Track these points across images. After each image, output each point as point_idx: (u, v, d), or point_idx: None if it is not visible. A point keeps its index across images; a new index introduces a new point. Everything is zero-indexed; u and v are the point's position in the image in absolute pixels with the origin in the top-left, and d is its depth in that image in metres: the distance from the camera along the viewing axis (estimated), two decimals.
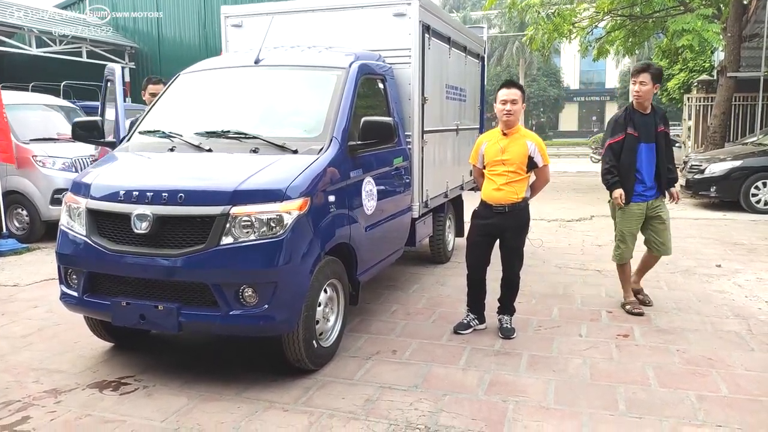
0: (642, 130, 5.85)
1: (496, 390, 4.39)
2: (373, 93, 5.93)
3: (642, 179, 5.91)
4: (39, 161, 10.22)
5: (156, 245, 4.26)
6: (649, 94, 5.82)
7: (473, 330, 5.57)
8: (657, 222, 6.10)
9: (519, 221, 5.41)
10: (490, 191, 5.36)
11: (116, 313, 4.42)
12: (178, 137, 5.08)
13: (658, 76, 5.85)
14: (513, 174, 5.28)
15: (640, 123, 5.86)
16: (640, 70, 5.85)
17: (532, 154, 5.29)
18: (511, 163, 5.27)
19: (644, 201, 5.98)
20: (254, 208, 4.18)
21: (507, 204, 5.31)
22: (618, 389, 4.40)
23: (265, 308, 4.17)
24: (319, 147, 4.80)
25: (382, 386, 4.45)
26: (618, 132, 5.92)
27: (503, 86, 5.33)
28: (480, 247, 5.50)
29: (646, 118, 5.89)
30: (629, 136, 5.85)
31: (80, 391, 4.44)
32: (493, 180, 5.34)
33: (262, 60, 5.67)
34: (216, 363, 4.97)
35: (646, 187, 5.95)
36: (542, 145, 5.38)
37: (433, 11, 6.90)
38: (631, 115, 5.90)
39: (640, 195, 5.96)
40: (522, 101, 5.29)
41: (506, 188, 5.28)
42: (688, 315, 6.04)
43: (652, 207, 6.03)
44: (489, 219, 5.40)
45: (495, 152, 5.31)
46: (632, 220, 6.07)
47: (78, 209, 4.61)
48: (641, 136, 5.85)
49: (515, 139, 5.29)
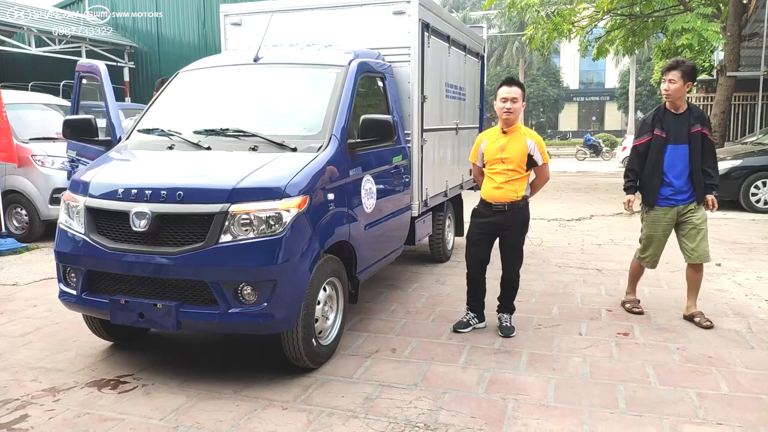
0: (672, 130, 5.54)
1: (495, 388, 4.38)
2: (373, 91, 5.92)
3: (670, 182, 5.58)
4: (38, 160, 10.20)
5: (155, 243, 4.25)
6: (679, 92, 5.49)
7: (473, 328, 5.56)
8: (688, 226, 5.70)
9: (519, 220, 5.39)
10: (490, 189, 5.34)
11: (115, 312, 4.40)
12: (177, 135, 5.07)
13: (689, 73, 5.50)
14: (512, 172, 5.26)
15: (671, 123, 5.56)
16: (670, 68, 5.52)
17: (532, 152, 5.27)
18: (511, 162, 5.25)
19: (673, 206, 5.65)
20: (253, 206, 4.16)
21: (507, 202, 5.30)
22: (618, 387, 4.39)
23: (264, 306, 4.16)
24: (318, 145, 4.79)
25: (381, 384, 4.44)
26: (644, 133, 5.67)
27: (504, 84, 5.30)
28: (480, 245, 5.49)
29: (678, 118, 5.57)
30: (656, 138, 5.56)
31: (78, 390, 4.43)
32: (493, 178, 5.32)
33: (261, 58, 5.66)
34: (215, 361, 4.96)
35: (675, 191, 5.60)
36: (542, 143, 5.37)
37: (432, 9, 6.89)
38: (661, 116, 5.62)
39: (667, 199, 5.64)
40: (522, 99, 5.28)
41: (506, 186, 5.27)
42: None
43: (684, 212, 5.66)
44: (489, 217, 5.39)
45: (495, 150, 5.30)
46: (657, 225, 5.77)
47: (76, 207, 4.60)
48: (670, 137, 5.53)
49: (515, 138, 5.28)
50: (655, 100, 46.42)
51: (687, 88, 5.53)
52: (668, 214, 5.68)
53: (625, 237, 10.31)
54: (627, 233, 10.69)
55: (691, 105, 5.72)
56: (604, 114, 69.83)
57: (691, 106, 5.66)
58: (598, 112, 70.57)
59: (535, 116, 63.14)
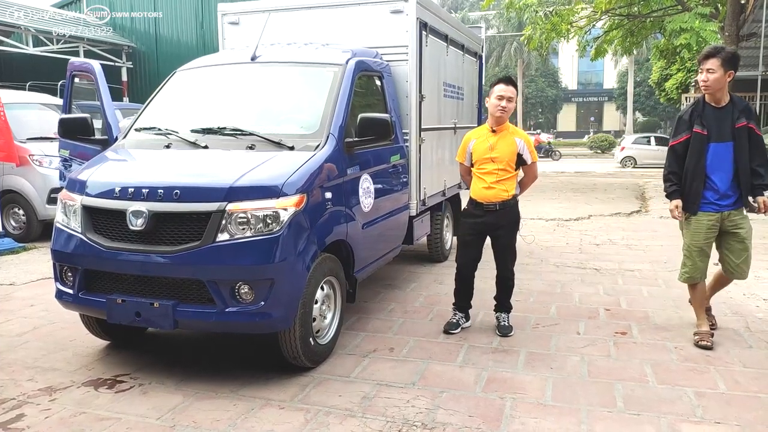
0: (713, 127, 4.92)
1: (493, 387, 4.37)
2: (371, 90, 5.91)
3: (714, 185, 4.98)
4: (36, 160, 10.19)
5: (152, 242, 4.24)
6: (719, 83, 4.83)
7: (462, 329, 5.55)
8: (733, 240, 5.11)
9: (510, 218, 5.38)
10: (481, 189, 5.32)
11: (112, 311, 4.39)
12: (174, 134, 5.06)
13: (730, 61, 4.84)
14: (503, 171, 5.24)
15: (712, 119, 4.93)
16: (707, 56, 4.87)
17: (521, 151, 5.27)
18: (501, 161, 5.23)
19: (717, 211, 5.02)
20: (250, 205, 4.15)
21: (498, 202, 5.28)
22: (616, 386, 4.38)
23: (262, 305, 4.14)
24: (315, 144, 4.77)
25: (379, 383, 4.43)
26: (682, 131, 5.06)
27: (501, 81, 5.26)
28: (472, 245, 5.48)
29: (720, 112, 4.94)
30: (696, 135, 4.95)
31: (75, 389, 4.41)
32: (483, 178, 5.30)
33: (258, 57, 5.65)
34: (212, 361, 4.94)
35: (719, 195, 4.99)
36: (530, 142, 5.37)
37: (430, 8, 6.88)
38: (700, 110, 4.98)
39: (711, 204, 5.02)
40: (516, 100, 5.27)
41: (497, 186, 5.25)
42: (686, 312, 6.00)
43: (730, 220, 5.04)
44: (480, 218, 5.37)
45: (484, 150, 5.27)
46: (699, 232, 5.13)
47: (73, 206, 4.59)
48: (712, 134, 4.92)
49: (504, 137, 5.26)
50: (654, 101, 46.47)
51: (729, 77, 4.88)
52: (712, 220, 5.06)
53: (623, 237, 10.32)
54: (625, 233, 10.71)
55: (735, 96, 5.03)
56: (603, 114, 69.91)
57: (734, 98, 5.00)
58: (597, 112, 70.64)
59: (534, 117, 63.20)
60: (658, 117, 57.52)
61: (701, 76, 4.93)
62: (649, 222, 12.06)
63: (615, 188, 18.68)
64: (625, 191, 17.78)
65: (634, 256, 8.71)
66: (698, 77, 5.00)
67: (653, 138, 31.70)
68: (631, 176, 24.04)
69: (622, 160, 30.59)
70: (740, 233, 5.07)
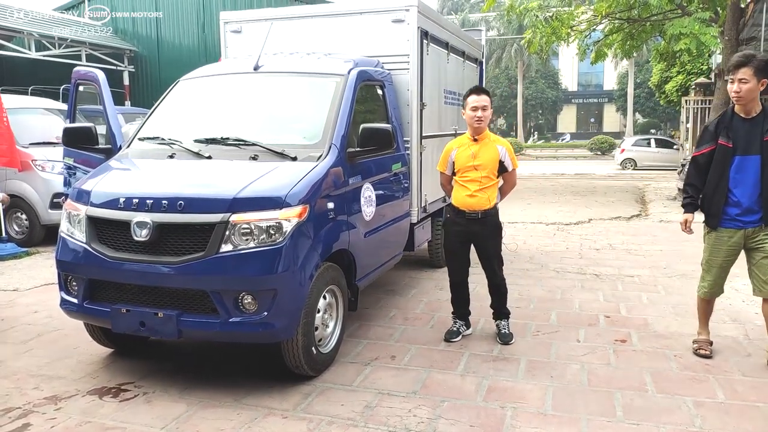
0: (740, 139, 4.69)
1: (494, 396, 4.41)
2: (372, 99, 5.96)
3: (736, 200, 4.76)
4: (38, 165, 10.25)
5: (156, 252, 4.28)
6: (752, 93, 4.60)
7: (462, 336, 5.60)
8: (759, 255, 4.84)
9: (492, 226, 5.44)
10: (464, 198, 5.37)
11: (116, 320, 4.43)
12: (177, 144, 5.10)
13: (764, 69, 4.58)
14: (486, 179, 5.31)
15: (740, 130, 4.71)
16: (739, 65, 4.61)
17: (503, 158, 5.36)
18: (484, 168, 5.30)
19: (739, 228, 4.81)
20: (253, 216, 4.20)
21: (480, 210, 5.34)
22: (615, 395, 4.42)
23: (265, 315, 4.19)
24: (318, 154, 4.82)
25: (380, 392, 4.47)
26: (706, 142, 4.87)
27: (472, 92, 5.35)
28: (459, 254, 5.55)
29: (749, 123, 4.70)
30: (721, 147, 4.75)
31: (80, 398, 4.45)
32: (466, 186, 5.35)
33: (261, 66, 5.69)
34: (215, 369, 4.98)
35: (742, 211, 4.76)
36: (511, 149, 5.47)
37: (431, 17, 6.92)
38: (727, 121, 4.78)
39: (733, 220, 4.81)
40: (490, 107, 5.34)
41: (479, 195, 5.31)
42: (686, 319, 6.05)
43: (752, 237, 4.82)
44: (463, 226, 5.43)
45: (467, 158, 5.34)
46: (719, 250, 4.93)
47: (78, 216, 4.63)
48: (738, 146, 4.69)
49: (486, 144, 5.34)
50: (654, 102, 46.50)
51: (762, 86, 4.62)
52: (733, 237, 4.85)
53: (623, 242, 10.37)
54: (625, 237, 10.76)
55: (766, 107, 4.78)
56: (603, 116, 69.90)
57: (766, 108, 4.75)
58: (597, 114, 70.65)
59: (534, 118, 63.23)
60: (658, 118, 57.50)
61: (733, 86, 4.66)
62: (649, 226, 12.10)
63: (615, 191, 18.72)
64: (625, 194, 17.83)
65: (633, 262, 8.75)
66: (730, 87, 4.73)
67: (653, 140, 31.79)
68: (631, 179, 24.12)
69: (622, 162, 30.65)
70: (766, 247, 4.79)
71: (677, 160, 27.83)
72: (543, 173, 27.43)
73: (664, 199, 16.37)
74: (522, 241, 10.39)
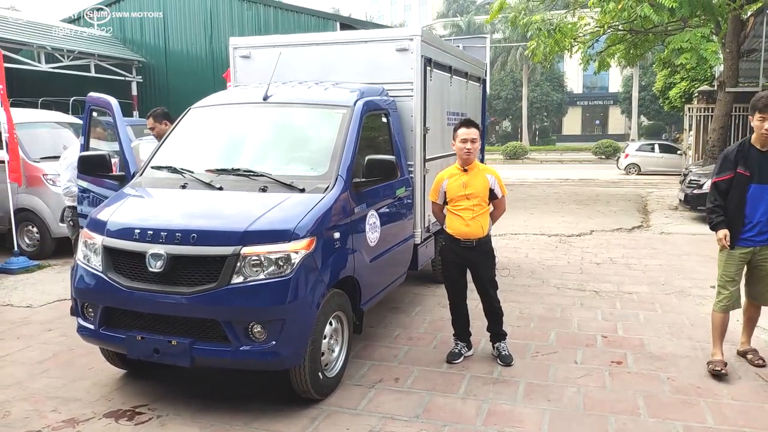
0: (756, 169, 5.21)
1: (493, 420, 4.60)
2: (377, 127, 6.15)
3: (752, 223, 5.30)
4: (49, 180, 10.43)
5: (170, 283, 4.47)
6: None
7: (464, 358, 5.78)
8: (761, 272, 5.46)
9: (485, 253, 5.66)
10: (459, 227, 5.56)
11: (131, 347, 4.64)
12: (189, 174, 5.29)
13: None
14: (478, 207, 5.52)
15: (755, 161, 5.22)
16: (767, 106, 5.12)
17: (493, 186, 5.58)
18: (475, 197, 5.51)
19: (750, 246, 5.36)
20: (263, 249, 4.39)
21: (474, 239, 5.55)
22: (609, 419, 4.61)
23: (273, 344, 4.38)
24: (325, 185, 5.01)
25: (384, 416, 4.66)
26: (726, 170, 5.34)
27: (462, 125, 5.56)
28: (455, 279, 5.76)
29: (764, 156, 5.22)
30: (739, 176, 5.25)
31: (97, 421, 4.65)
32: (461, 215, 5.55)
33: (270, 96, 5.87)
34: (225, 391, 5.17)
35: (755, 232, 5.31)
36: (500, 177, 5.68)
37: (434, 44, 7.12)
38: (745, 152, 5.28)
39: (746, 240, 5.35)
40: (479, 139, 5.55)
41: (472, 223, 5.52)
42: (680, 340, 6.23)
43: (760, 254, 5.38)
44: (458, 254, 5.64)
45: (458, 187, 5.55)
46: (732, 264, 5.45)
47: (94, 245, 4.82)
48: (754, 175, 5.21)
49: (475, 174, 5.55)
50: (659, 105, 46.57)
51: None
52: (744, 253, 5.41)
53: (623, 255, 10.53)
54: (625, 251, 10.92)
55: None
56: (608, 118, 69.94)
57: None
58: (602, 116, 70.69)
59: (539, 120, 63.27)
60: (663, 121, 57.57)
61: (764, 124, 5.10)
62: (649, 239, 12.25)
63: (617, 200, 18.86)
64: (628, 203, 17.97)
65: (633, 277, 8.91)
66: (757, 125, 5.16)
67: (657, 145, 31.90)
68: (634, 185, 24.22)
69: (626, 167, 30.79)
70: (766, 266, 5.42)
71: (681, 165, 27.95)
72: (547, 178, 27.55)
73: (665, 208, 16.51)
74: (524, 255, 10.57)
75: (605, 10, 14.73)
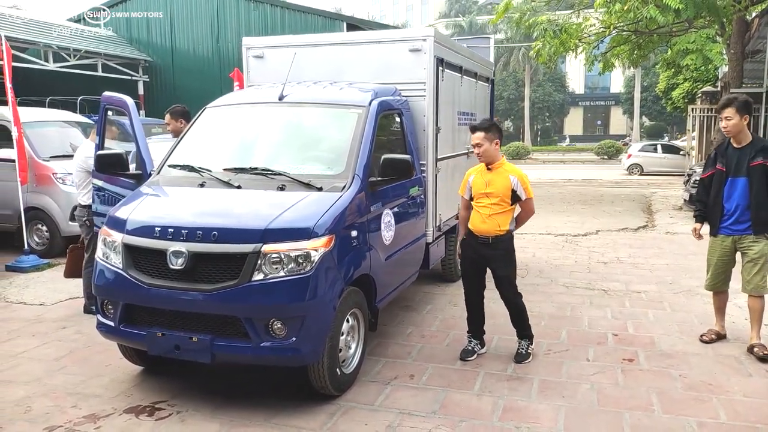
0: (732, 164, 5.81)
1: (509, 416, 4.66)
2: (391, 127, 6.22)
3: (729, 213, 5.89)
4: (59, 178, 10.48)
5: (191, 280, 4.53)
6: (737, 127, 5.71)
7: (477, 355, 5.84)
8: (745, 258, 5.92)
9: (503, 252, 5.68)
10: (477, 223, 5.65)
11: (152, 343, 4.70)
12: (207, 172, 5.34)
13: (744, 107, 5.70)
14: (496, 206, 5.56)
15: (732, 157, 5.82)
16: (724, 106, 5.77)
17: (515, 187, 5.57)
18: (495, 196, 5.56)
19: (728, 234, 5.92)
20: (284, 246, 4.45)
21: (490, 236, 5.60)
22: (624, 415, 4.66)
23: (293, 341, 4.44)
24: (342, 184, 5.07)
25: (401, 412, 4.72)
26: (708, 167, 6.08)
27: (471, 130, 5.68)
28: (471, 276, 5.84)
29: (739, 151, 5.80)
30: (717, 171, 5.91)
31: (117, 417, 4.71)
32: (480, 212, 5.63)
33: (285, 96, 5.93)
34: (242, 386, 5.23)
35: (733, 221, 5.88)
36: (525, 179, 5.64)
37: (446, 44, 7.18)
38: (723, 150, 5.94)
39: (725, 228, 5.93)
40: (488, 140, 5.54)
41: (489, 221, 5.58)
42: (690, 338, 6.29)
43: (741, 243, 5.89)
44: (475, 249, 5.72)
45: (481, 185, 5.62)
46: (714, 250, 6.07)
47: (114, 243, 4.88)
48: (730, 169, 5.82)
49: (499, 173, 5.59)
50: (660, 106, 46.65)
51: (745, 121, 5.72)
52: (725, 242, 5.97)
53: (630, 254, 10.59)
54: (632, 250, 10.97)
55: (756, 138, 5.88)
56: (609, 119, 70.10)
57: (755, 139, 5.81)
58: (603, 116, 70.83)
59: (541, 121, 63.38)
60: (665, 122, 57.66)
61: (722, 123, 5.82)
62: (655, 238, 12.30)
63: (622, 200, 18.91)
64: (632, 203, 18.02)
65: (640, 276, 8.97)
66: (720, 124, 5.88)
67: (660, 146, 31.96)
68: (637, 185, 24.27)
69: (629, 168, 30.84)
70: (750, 253, 5.86)
71: (683, 165, 27.98)
72: (550, 178, 27.59)
73: (670, 208, 16.55)
74: (531, 254, 10.62)
75: (611, 11, 14.77)
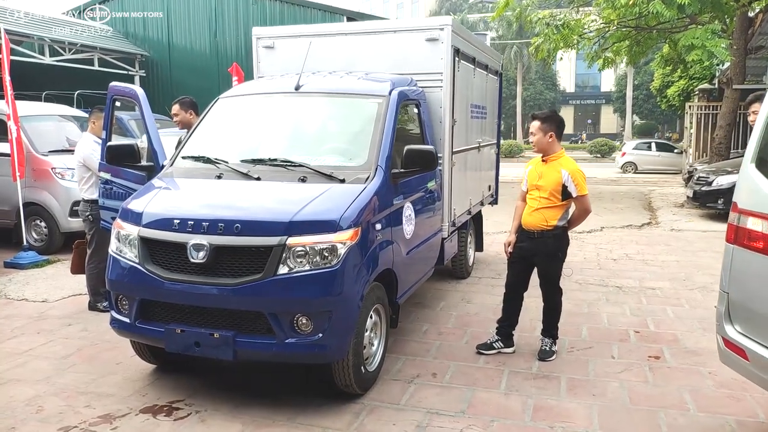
0: None
1: (541, 415, 4.51)
2: (410, 118, 6.05)
3: None
4: (58, 173, 10.26)
5: (212, 274, 4.34)
6: None
7: (497, 352, 5.68)
8: None
9: (548, 249, 5.50)
10: (526, 215, 5.51)
11: (170, 340, 4.50)
12: (224, 164, 5.15)
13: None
14: (545, 200, 5.39)
15: None
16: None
17: (566, 182, 5.34)
18: (545, 190, 5.39)
19: None
20: (309, 239, 4.27)
21: (536, 230, 5.44)
22: (659, 414, 4.53)
23: (320, 337, 4.27)
24: (365, 176, 4.89)
25: (429, 411, 4.56)
26: None
27: (531, 117, 5.61)
28: (515, 268, 5.68)
29: None
30: None
31: (134, 416, 4.53)
32: (530, 204, 5.48)
33: (302, 86, 5.74)
34: (260, 383, 5.07)
35: None
36: (578, 175, 5.36)
37: (462, 34, 7.01)
38: None
39: None
40: (542, 131, 5.41)
41: (536, 214, 5.42)
42: (713, 335, 6.09)
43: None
44: (522, 242, 5.57)
45: (534, 176, 5.48)
46: None
47: (128, 237, 4.68)
48: None
49: (552, 167, 5.41)
50: (652, 104, 46.75)
51: None
52: None
53: (638, 251, 10.48)
54: (639, 247, 10.87)
55: None
56: (600, 117, 70.16)
57: None
58: (594, 115, 70.90)
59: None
60: (656, 120, 57.78)
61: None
62: (661, 235, 12.21)
63: (621, 197, 18.81)
64: (632, 201, 17.92)
65: (652, 273, 8.85)
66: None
67: (654, 144, 31.95)
68: (634, 183, 24.19)
69: (623, 166, 30.80)
70: None
71: (678, 164, 28.02)
72: None
73: (671, 206, 16.46)
74: None
75: (615, 5, 14.64)
